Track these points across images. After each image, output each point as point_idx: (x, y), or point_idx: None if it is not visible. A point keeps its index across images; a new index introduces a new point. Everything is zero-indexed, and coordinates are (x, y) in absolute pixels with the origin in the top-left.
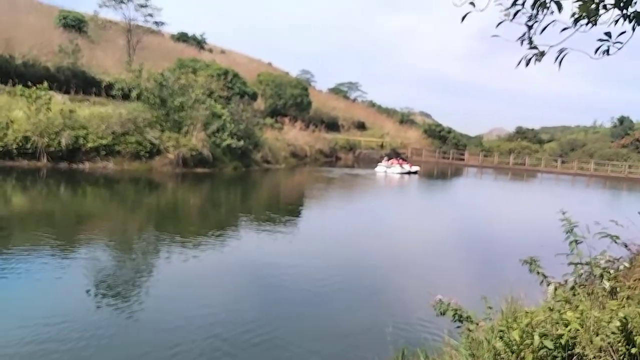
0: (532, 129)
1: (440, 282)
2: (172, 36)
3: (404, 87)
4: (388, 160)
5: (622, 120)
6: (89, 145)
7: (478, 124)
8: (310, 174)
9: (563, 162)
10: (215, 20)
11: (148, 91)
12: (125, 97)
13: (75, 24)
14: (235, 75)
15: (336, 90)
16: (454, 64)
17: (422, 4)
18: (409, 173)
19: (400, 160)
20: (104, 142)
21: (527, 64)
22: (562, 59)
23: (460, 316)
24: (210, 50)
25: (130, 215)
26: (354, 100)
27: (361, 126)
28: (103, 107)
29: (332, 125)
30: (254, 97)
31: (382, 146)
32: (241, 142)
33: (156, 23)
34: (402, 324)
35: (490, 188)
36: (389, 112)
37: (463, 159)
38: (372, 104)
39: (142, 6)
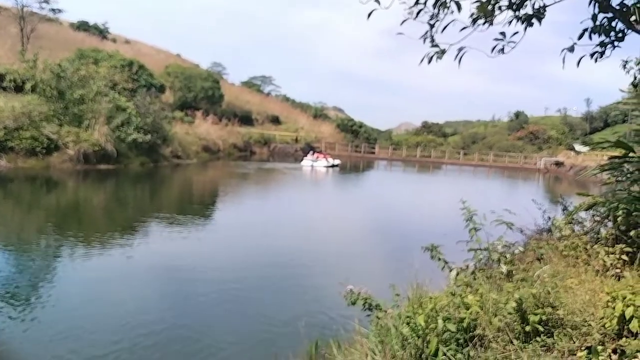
0: (437, 124)
1: (351, 272)
2: (72, 25)
3: (317, 82)
4: (313, 154)
5: (517, 114)
6: None
7: (388, 118)
8: (225, 169)
9: (465, 154)
10: (119, 8)
11: (44, 83)
12: (19, 89)
13: None
14: (141, 67)
15: (249, 84)
16: (366, 61)
17: (335, 1)
18: (332, 166)
19: (326, 154)
20: None
21: (429, 62)
22: (461, 57)
23: (370, 305)
24: (114, 40)
25: (26, 217)
26: (268, 94)
27: (275, 120)
28: None
29: (246, 119)
30: (161, 89)
31: (296, 140)
32: (148, 137)
33: (53, 10)
34: (315, 316)
35: (398, 180)
36: (303, 107)
37: (374, 153)
38: (286, 99)
39: None
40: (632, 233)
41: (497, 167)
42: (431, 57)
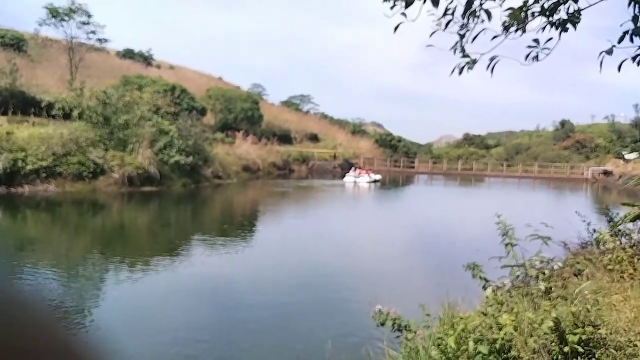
0: (479, 135)
1: (382, 291)
2: (118, 53)
3: (356, 99)
4: (355, 170)
5: (563, 123)
6: (29, 167)
7: (428, 132)
8: (264, 188)
9: (508, 165)
10: (164, 35)
11: (90, 110)
12: (67, 116)
13: (14, 43)
14: (183, 91)
15: (288, 103)
16: (404, 75)
17: (370, 18)
18: (374, 181)
19: (368, 170)
20: (44, 163)
21: (460, 72)
22: (494, 66)
23: (399, 325)
24: (159, 67)
25: (75, 239)
26: (307, 112)
27: (314, 138)
28: (43, 128)
29: (285, 138)
30: (203, 112)
31: (334, 157)
32: (190, 158)
33: (99, 40)
34: (345, 337)
35: (438, 194)
36: (341, 123)
37: (413, 167)
38: (324, 116)
39: (84, 23)
40: None
41: (543, 178)
42: (462, 68)
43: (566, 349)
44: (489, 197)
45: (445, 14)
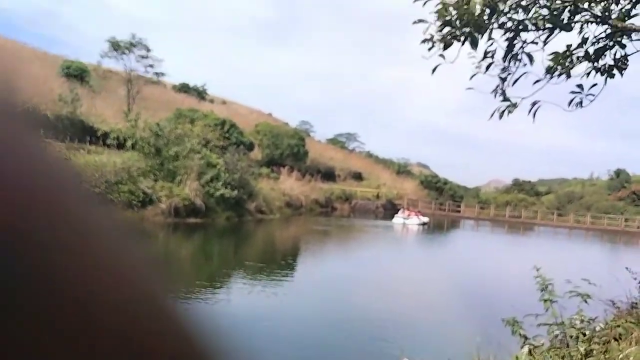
0: (529, 181)
1: (409, 340)
2: (174, 86)
3: (402, 139)
4: (404, 211)
5: (618, 173)
6: None
7: (475, 176)
8: (306, 225)
9: (560, 214)
10: (218, 71)
11: (143, 140)
12: (120, 146)
13: (77, 74)
14: (233, 125)
15: (334, 141)
16: (451, 116)
17: (417, 58)
18: (423, 224)
19: (417, 212)
20: (96, 190)
21: (501, 116)
22: (535, 111)
23: None
24: (212, 101)
25: None
26: (352, 150)
27: (358, 176)
28: (98, 156)
29: (329, 175)
30: (250, 147)
31: (378, 196)
32: (235, 192)
33: (156, 74)
34: None
35: (485, 241)
36: (385, 163)
37: (459, 211)
38: (369, 155)
39: (143, 57)
40: None
41: (595, 229)
42: (502, 112)
43: None
44: (537, 248)
45: (485, 56)
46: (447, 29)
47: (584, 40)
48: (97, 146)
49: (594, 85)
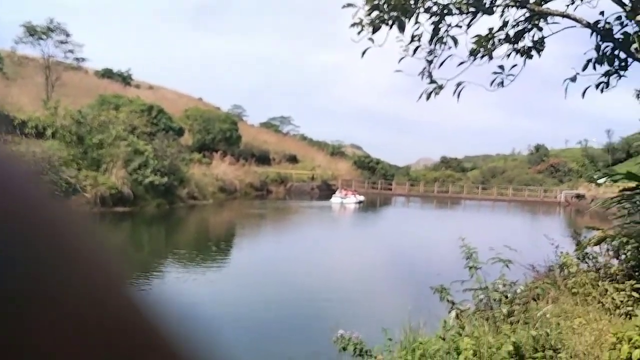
0: (456, 158)
1: (345, 315)
2: (96, 72)
3: (335, 121)
4: (341, 191)
5: (538, 148)
6: None
7: (406, 155)
8: (241, 210)
9: (484, 188)
10: (144, 56)
11: (64, 129)
12: (40, 135)
13: None
14: (161, 111)
15: (268, 125)
16: (383, 99)
17: (349, 42)
18: (359, 202)
19: (354, 191)
20: None
21: (428, 98)
22: (460, 91)
23: (361, 350)
24: (138, 86)
25: None
26: (286, 134)
27: (293, 159)
28: (15, 146)
29: (264, 159)
30: (180, 132)
31: (313, 178)
32: (165, 179)
33: (77, 59)
34: None
35: (415, 216)
36: (320, 145)
37: (391, 189)
38: (303, 137)
39: (62, 42)
40: None
41: (517, 201)
42: (430, 93)
43: None
44: (463, 220)
45: (412, 40)
46: (375, 13)
47: (505, 24)
48: (14, 136)
49: (514, 65)
